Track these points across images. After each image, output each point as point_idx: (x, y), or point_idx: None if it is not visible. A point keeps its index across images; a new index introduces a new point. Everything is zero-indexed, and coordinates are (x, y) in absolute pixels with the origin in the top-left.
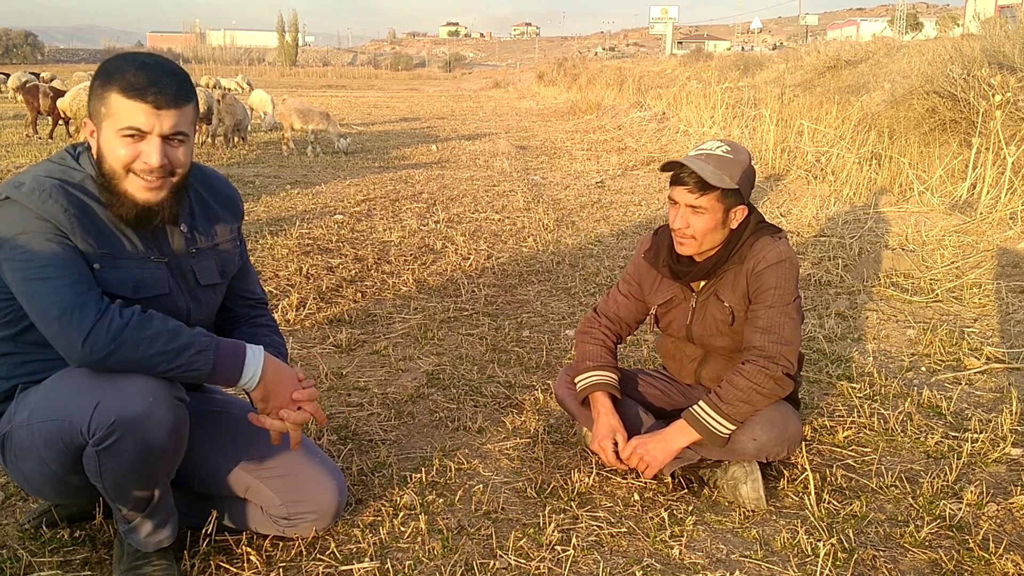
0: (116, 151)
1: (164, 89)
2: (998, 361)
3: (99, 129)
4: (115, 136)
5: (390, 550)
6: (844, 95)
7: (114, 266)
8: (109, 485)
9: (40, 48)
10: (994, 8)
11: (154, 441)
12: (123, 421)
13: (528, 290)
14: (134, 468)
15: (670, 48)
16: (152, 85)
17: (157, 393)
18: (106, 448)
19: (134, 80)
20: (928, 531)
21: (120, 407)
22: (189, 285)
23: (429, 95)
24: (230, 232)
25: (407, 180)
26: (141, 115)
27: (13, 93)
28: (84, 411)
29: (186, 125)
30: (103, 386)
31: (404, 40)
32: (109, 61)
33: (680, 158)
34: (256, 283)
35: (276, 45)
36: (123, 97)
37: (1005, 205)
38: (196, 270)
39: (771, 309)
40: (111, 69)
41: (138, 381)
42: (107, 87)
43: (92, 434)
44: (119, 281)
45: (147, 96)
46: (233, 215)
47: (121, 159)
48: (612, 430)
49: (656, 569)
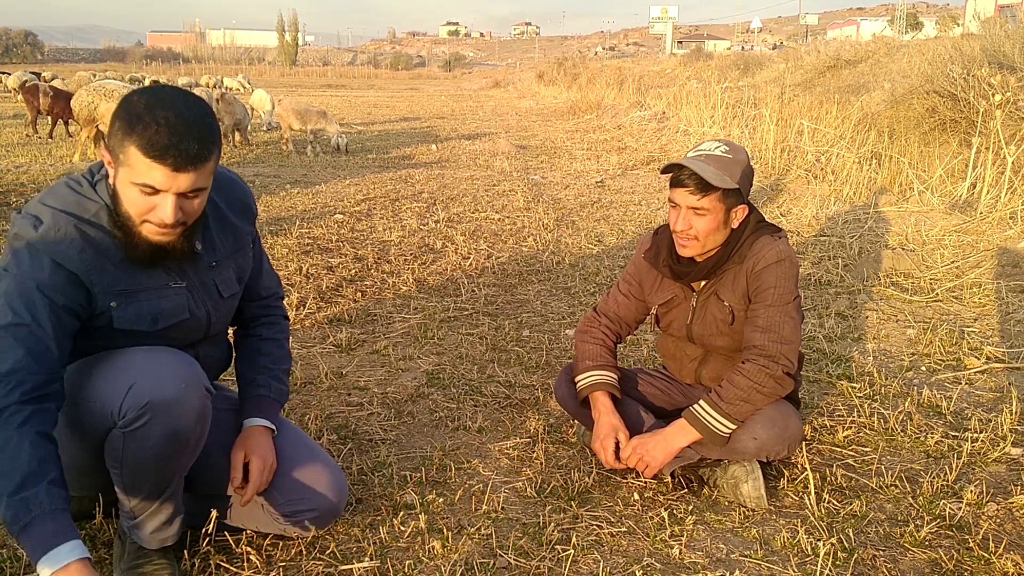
0: (130, 199)
1: (185, 151)
2: (998, 361)
3: (116, 170)
4: (130, 185)
5: (390, 550)
6: (844, 95)
7: (132, 301)
8: (127, 472)
9: (40, 47)
10: (994, 8)
11: (181, 427)
12: (155, 404)
13: (528, 290)
14: (157, 454)
15: (670, 48)
16: (173, 148)
17: (189, 380)
18: (133, 431)
19: (155, 139)
20: (928, 531)
21: (154, 390)
22: (212, 299)
23: (429, 95)
24: (247, 235)
25: (407, 180)
26: (159, 175)
27: (14, 92)
28: (117, 393)
29: (204, 180)
30: (138, 369)
31: (404, 40)
32: (135, 102)
33: (679, 159)
34: (269, 275)
35: (276, 45)
36: (142, 155)
37: (1005, 205)
38: (217, 282)
39: (771, 308)
40: (134, 116)
41: (171, 366)
42: (128, 137)
43: (122, 415)
44: (137, 316)
45: (166, 159)
46: (248, 219)
47: (135, 208)
48: (614, 429)
49: (656, 569)
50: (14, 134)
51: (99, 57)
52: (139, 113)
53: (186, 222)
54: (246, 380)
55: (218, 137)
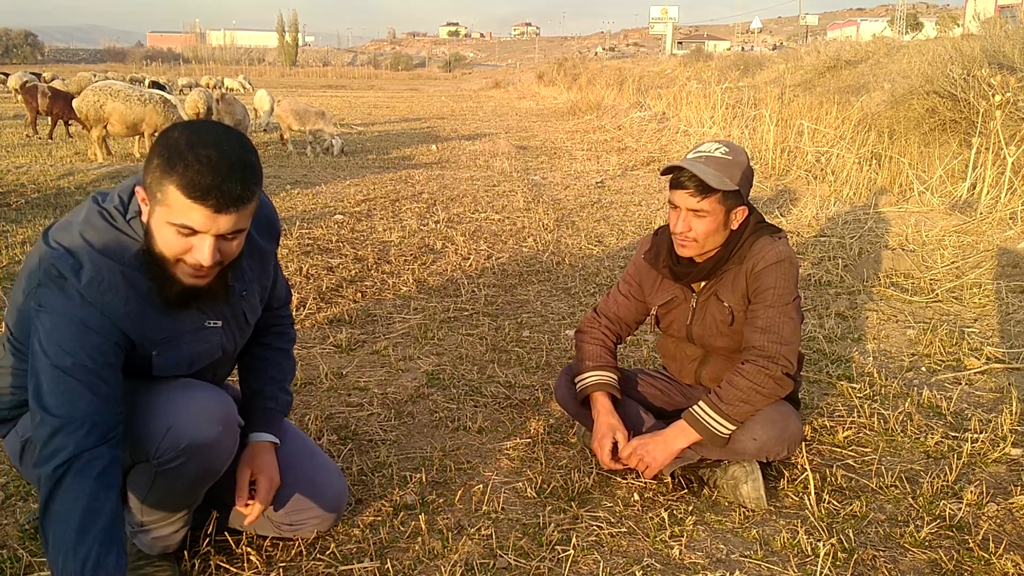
0: (166, 239)
1: (228, 192)
2: (998, 361)
3: (152, 208)
4: (166, 225)
5: (390, 550)
6: (844, 95)
7: (173, 348)
8: (151, 497)
9: (40, 48)
10: (994, 8)
11: (214, 467)
12: (193, 447)
13: (528, 290)
14: (186, 489)
15: (670, 48)
16: (215, 189)
17: (225, 421)
18: (167, 470)
19: (197, 179)
20: (928, 531)
21: (193, 433)
22: (240, 328)
23: (429, 95)
24: (270, 255)
25: (407, 180)
26: (198, 216)
27: (14, 93)
28: (156, 434)
29: (245, 221)
30: (176, 411)
31: (404, 40)
32: (175, 139)
33: (679, 161)
34: (283, 285)
35: (276, 45)
36: (182, 195)
37: (1005, 205)
38: (246, 311)
39: (770, 309)
40: (175, 154)
41: (210, 408)
42: (167, 175)
43: (159, 455)
44: (176, 363)
45: (208, 200)
46: (273, 238)
47: (170, 248)
48: (612, 428)
49: (656, 569)
50: (14, 134)
51: (99, 57)
52: (180, 151)
53: (222, 262)
54: (253, 391)
55: (260, 177)
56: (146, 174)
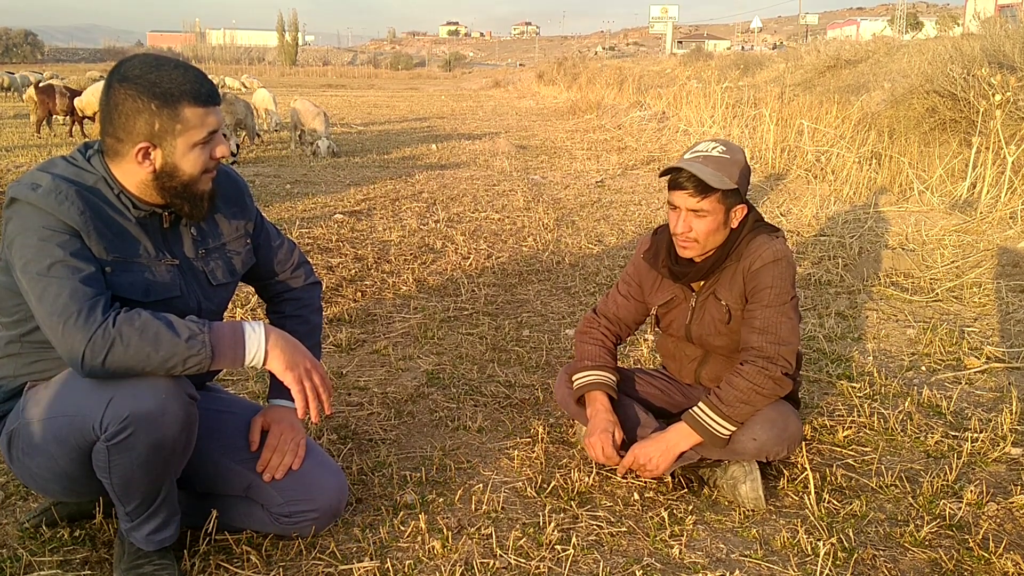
0: (195, 161)
1: (213, 87)
2: (998, 360)
3: (169, 147)
4: (191, 148)
5: (390, 549)
6: (844, 94)
7: (126, 269)
8: (117, 481)
9: (40, 47)
10: (994, 7)
11: (166, 437)
12: (136, 416)
13: (528, 289)
14: (144, 464)
15: (670, 47)
16: (209, 88)
17: (170, 390)
18: (117, 444)
19: (199, 87)
20: (928, 531)
21: (134, 403)
22: (201, 285)
23: (429, 94)
24: (238, 229)
25: (407, 180)
26: (212, 119)
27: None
28: (97, 406)
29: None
30: (116, 383)
31: (404, 39)
32: (159, 77)
33: (677, 162)
34: (285, 250)
35: (276, 44)
36: (199, 108)
37: (1005, 204)
38: (207, 271)
39: (768, 309)
40: (167, 85)
41: (151, 380)
42: (176, 103)
43: (104, 429)
44: (130, 284)
45: (213, 100)
46: (241, 210)
47: (199, 165)
48: (609, 424)
49: (656, 569)
50: (14, 134)
51: (99, 57)
52: (162, 85)
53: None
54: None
55: None
56: (144, 126)
